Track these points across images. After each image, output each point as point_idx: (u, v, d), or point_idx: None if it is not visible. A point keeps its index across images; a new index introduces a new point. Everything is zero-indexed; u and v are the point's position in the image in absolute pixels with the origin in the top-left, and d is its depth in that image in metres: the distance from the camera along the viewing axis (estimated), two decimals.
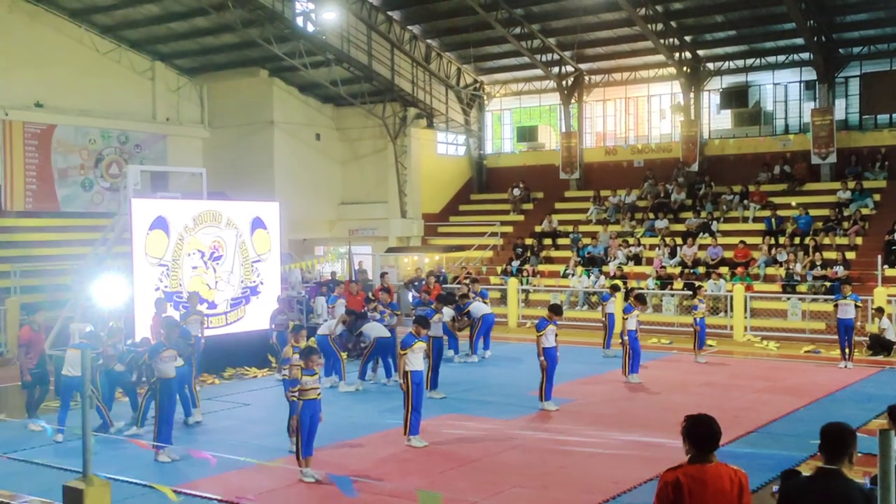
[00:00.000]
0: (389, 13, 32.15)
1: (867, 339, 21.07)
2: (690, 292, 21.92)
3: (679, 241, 27.97)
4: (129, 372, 14.48)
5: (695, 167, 31.24)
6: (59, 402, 13.94)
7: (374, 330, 17.73)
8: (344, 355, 18.23)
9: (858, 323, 19.93)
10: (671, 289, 25.79)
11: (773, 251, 26.12)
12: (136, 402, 14.22)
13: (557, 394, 15.44)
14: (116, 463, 11.53)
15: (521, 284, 27.82)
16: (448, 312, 19.78)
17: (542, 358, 14.85)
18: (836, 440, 5.30)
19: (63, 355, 15.81)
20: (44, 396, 14.92)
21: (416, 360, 12.65)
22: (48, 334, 17.45)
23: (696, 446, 5.62)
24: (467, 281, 23.93)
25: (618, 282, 24.18)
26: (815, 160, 29.18)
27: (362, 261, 30.07)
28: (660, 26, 29.46)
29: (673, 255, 27.45)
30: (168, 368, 12.40)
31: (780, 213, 27.79)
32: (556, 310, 15.48)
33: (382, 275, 24.13)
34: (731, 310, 23.82)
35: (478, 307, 20.91)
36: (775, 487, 6.99)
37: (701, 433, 5.62)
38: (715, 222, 28.71)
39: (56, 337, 18.30)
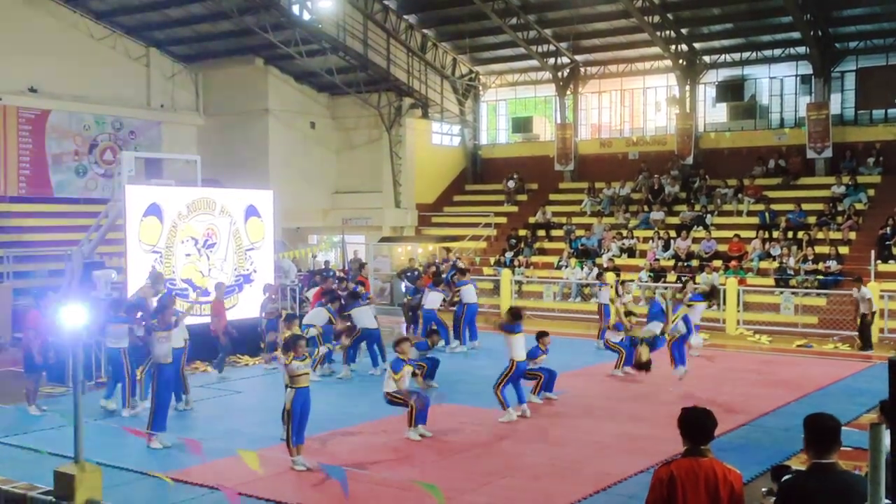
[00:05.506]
0: (385, 2, 32.08)
1: (857, 333, 21.13)
2: (681, 285, 21.93)
3: (673, 233, 28.00)
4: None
5: (690, 160, 31.23)
6: (109, 377, 14.75)
7: (362, 318, 17.71)
8: (338, 348, 18.18)
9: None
10: (664, 282, 25.82)
11: (767, 245, 26.17)
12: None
13: None
14: (108, 449, 11.51)
15: (515, 276, 27.83)
16: (437, 298, 19.91)
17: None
18: (830, 432, 5.22)
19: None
20: (31, 382, 14.91)
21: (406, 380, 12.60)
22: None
23: (690, 438, 5.64)
24: (461, 265, 24.05)
25: (611, 274, 24.21)
26: (810, 154, 29.19)
27: (357, 250, 30.04)
28: (656, 18, 29.43)
29: (667, 247, 27.49)
30: (163, 351, 12.39)
31: (774, 207, 27.82)
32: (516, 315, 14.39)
33: (361, 265, 23.97)
34: (724, 303, 23.86)
35: (469, 292, 21.00)
36: (765, 488, 7.01)
37: (694, 424, 5.66)
38: (709, 215, 28.73)
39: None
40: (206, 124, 34.02)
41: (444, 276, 21.97)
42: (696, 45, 31.27)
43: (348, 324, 17.54)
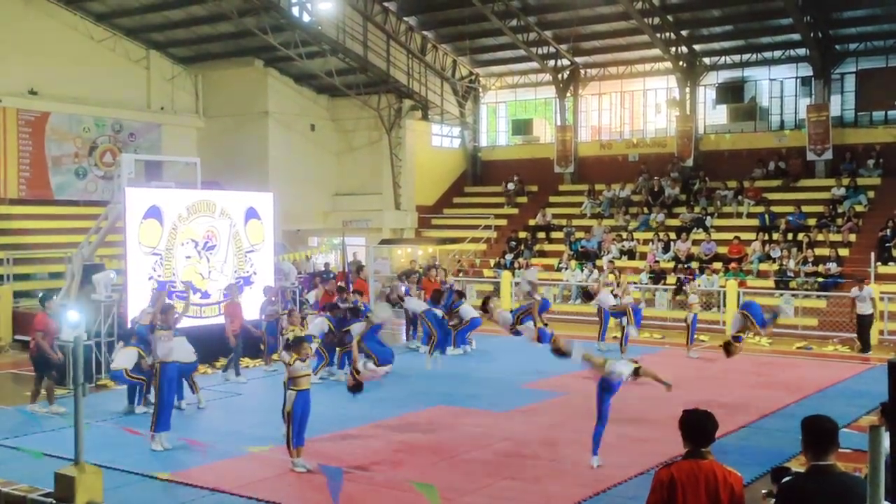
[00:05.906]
0: (385, 4, 32.09)
1: (856, 335, 21.11)
2: (677, 286, 21.92)
3: (673, 235, 28.00)
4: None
5: (690, 162, 31.24)
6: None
7: (358, 329, 17.68)
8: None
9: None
10: (664, 283, 25.82)
11: (767, 247, 26.17)
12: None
13: (550, 387, 15.49)
14: (109, 450, 11.50)
15: (514, 278, 27.81)
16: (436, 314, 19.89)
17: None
18: (827, 434, 5.24)
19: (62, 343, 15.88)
20: (50, 381, 14.96)
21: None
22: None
23: (690, 440, 5.66)
24: (458, 289, 23.84)
25: (611, 276, 24.19)
26: (810, 156, 29.21)
27: (356, 252, 30.02)
28: (656, 20, 29.44)
29: (666, 249, 27.49)
30: (166, 351, 12.40)
31: (774, 209, 27.83)
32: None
33: (360, 268, 23.84)
34: (725, 305, 23.85)
35: (467, 310, 20.98)
36: (764, 490, 7.04)
37: (695, 426, 5.67)
38: (709, 217, 28.74)
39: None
40: (205, 126, 34.01)
41: (443, 300, 21.40)
42: (696, 47, 31.29)
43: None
